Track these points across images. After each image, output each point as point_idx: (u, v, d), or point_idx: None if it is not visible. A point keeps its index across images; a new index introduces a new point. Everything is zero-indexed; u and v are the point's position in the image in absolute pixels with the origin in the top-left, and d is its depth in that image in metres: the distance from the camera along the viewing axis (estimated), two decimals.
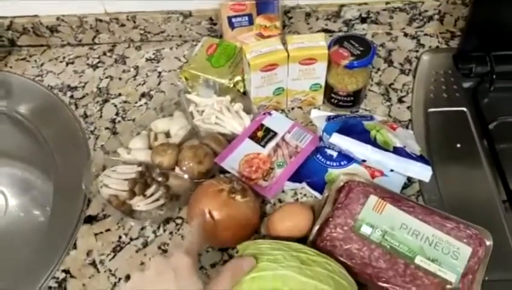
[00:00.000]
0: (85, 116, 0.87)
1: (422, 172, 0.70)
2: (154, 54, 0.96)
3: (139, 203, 0.71)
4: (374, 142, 0.70)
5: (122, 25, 0.95)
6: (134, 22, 0.94)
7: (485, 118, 0.81)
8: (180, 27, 0.95)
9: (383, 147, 0.70)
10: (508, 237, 0.67)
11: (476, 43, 0.86)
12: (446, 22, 0.94)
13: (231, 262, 0.56)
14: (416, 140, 0.77)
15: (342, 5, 0.92)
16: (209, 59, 0.87)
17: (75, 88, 0.91)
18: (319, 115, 0.80)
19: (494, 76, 0.85)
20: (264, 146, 0.76)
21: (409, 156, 0.70)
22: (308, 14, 0.93)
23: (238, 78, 0.85)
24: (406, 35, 0.95)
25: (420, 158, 0.71)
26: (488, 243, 0.62)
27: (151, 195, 0.71)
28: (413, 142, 0.74)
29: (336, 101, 0.81)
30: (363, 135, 0.71)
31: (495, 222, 0.69)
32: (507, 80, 0.86)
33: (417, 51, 0.92)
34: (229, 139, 0.78)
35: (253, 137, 0.77)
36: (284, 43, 0.77)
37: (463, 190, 0.73)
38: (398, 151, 0.70)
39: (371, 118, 0.76)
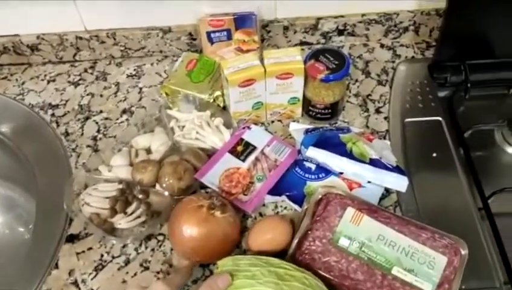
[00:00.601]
0: (66, 134, 0.87)
1: (399, 183, 0.72)
2: (135, 70, 0.97)
3: (121, 221, 0.72)
4: (350, 155, 0.71)
5: (103, 42, 0.95)
6: (115, 39, 0.95)
7: (460, 127, 0.82)
8: (160, 43, 0.96)
9: (360, 159, 0.71)
10: (484, 245, 0.69)
11: (451, 52, 0.88)
12: (421, 33, 0.96)
13: (207, 280, 0.57)
14: (393, 150, 0.79)
15: (319, 18, 0.93)
16: (189, 74, 0.88)
17: (56, 106, 0.92)
18: (298, 128, 0.81)
19: (469, 85, 0.87)
20: (243, 160, 0.77)
21: (385, 167, 0.71)
22: (286, 28, 0.94)
23: (218, 93, 0.86)
24: (382, 46, 0.97)
25: (396, 169, 0.72)
26: (463, 252, 0.63)
27: (133, 212, 0.72)
28: (390, 153, 0.76)
29: (314, 113, 0.83)
30: (339, 148, 0.72)
31: (471, 230, 0.70)
32: (482, 89, 0.88)
33: (393, 62, 0.94)
34: (210, 154, 0.79)
35: (232, 151, 0.78)
36: (262, 58, 0.78)
37: (439, 199, 0.74)
38: (374, 163, 0.71)
39: (348, 130, 0.78)
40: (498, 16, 0.82)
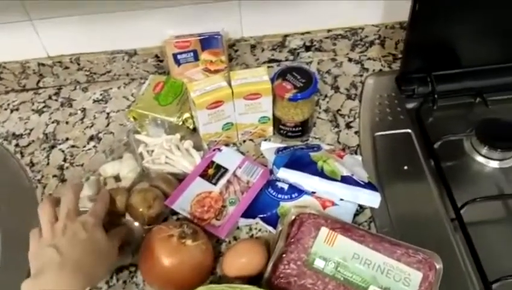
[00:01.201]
0: (31, 164, 0.85)
1: (371, 199, 0.71)
2: (101, 94, 0.95)
3: None
4: (321, 173, 0.71)
5: (66, 68, 0.93)
6: (79, 64, 0.93)
7: (429, 138, 0.83)
8: (127, 66, 0.94)
9: (331, 177, 0.71)
10: (458, 257, 0.69)
11: (416, 64, 0.89)
12: (387, 46, 0.97)
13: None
14: (364, 165, 0.79)
15: (286, 35, 0.93)
16: (157, 97, 0.87)
17: (20, 136, 0.89)
18: (269, 147, 0.81)
19: (436, 95, 0.88)
20: (215, 184, 0.76)
21: (357, 184, 0.71)
22: (253, 46, 0.94)
23: (187, 115, 0.85)
24: (350, 60, 0.97)
25: (368, 185, 0.72)
26: (438, 266, 0.63)
27: None
28: (361, 169, 0.76)
29: (284, 132, 0.82)
30: (310, 167, 0.72)
31: (445, 242, 0.71)
32: (449, 98, 0.89)
33: (361, 76, 0.94)
34: (181, 179, 0.77)
35: (204, 175, 0.77)
36: (229, 79, 0.77)
37: (412, 212, 0.74)
38: (346, 180, 0.71)
39: (318, 148, 0.77)
40: (460, 27, 0.84)
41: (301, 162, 0.72)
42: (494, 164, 0.81)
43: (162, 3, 0.85)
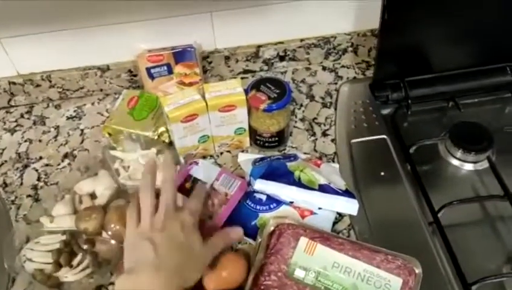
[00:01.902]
0: (4, 185, 0.83)
1: (350, 206, 0.71)
2: (75, 111, 0.94)
3: (67, 274, 0.68)
4: (298, 183, 0.71)
5: (38, 85, 0.92)
6: (50, 81, 0.91)
7: (405, 143, 0.84)
8: (100, 81, 0.93)
9: (308, 186, 0.71)
10: (437, 260, 0.69)
11: (389, 71, 0.90)
12: (360, 53, 0.98)
13: (218, 233, 0.66)
14: (342, 172, 0.79)
15: (259, 46, 0.94)
16: (131, 112, 0.86)
17: None
18: (246, 159, 0.80)
19: (410, 101, 0.89)
20: None
21: (334, 192, 0.71)
22: (227, 58, 0.94)
23: (163, 129, 0.84)
24: (324, 69, 0.98)
25: (346, 193, 0.72)
26: (417, 271, 0.63)
27: (79, 264, 0.68)
28: (338, 177, 0.76)
29: (261, 142, 0.82)
30: (287, 177, 0.71)
31: (423, 246, 0.71)
32: (422, 103, 0.91)
33: (336, 83, 0.95)
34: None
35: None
36: (203, 92, 0.77)
37: (391, 217, 0.75)
38: (324, 189, 0.71)
39: (295, 158, 0.77)
40: (430, 33, 0.85)
41: (278, 173, 0.72)
42: (468, 167, 0.82)
43: (134, 17, 0.85)
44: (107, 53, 0.90)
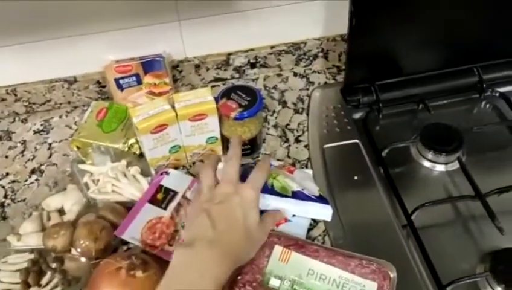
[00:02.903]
0: None
1: (323, 212, 0.71)
2: (42, 124, 0.91)
3: None
4: (271, 190, 0.70)
5: (3, 100, 0.89)
6: (16, 95, 0.89)
7: (377, 147, 0.84)
8: (67, 94, 0.91)
9: (281, 193, 0.70)
10: (412, 263, 0.69)
11: (360, 75, 0.90)
12: (330, 58, 0.98)
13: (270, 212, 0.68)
14: (316, 177, 0.79)
15: (229, 54, 0.93)
16: (100, 124, 0.84)
17: None
18: (219, 167, 0.79)
19: (381, 104, 0.90)
20: (165, 208, 0.74)
21: (308, 198, 0.71)
22: (197, 66, 0.93)
23: (133, 140, 0.82)
24: (295, 75, 0.98)
25: (319, 199, 0.72)
26: (392, 275, 0.63)
27: (48, 283, 0.66)
28: (311, 183, 0.75)
29: None
30: None
31: (398, 249, 0.71)
32: (393, 107, 0.91)
33: (307, 89, 0.95)
34: (129, 207, 0.74)
35: (153, 201, 0.74)
36: (173, 102, 0.76)
37: (365, 221, 0.74)
38: (297, 196, 0.71)
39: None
40: (398, 37, 0.86)
41: None
42: (440, 168, 0.83)
43: (101, 28, 0.83)
44: (74, 65, 0.88)
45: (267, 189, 0.70)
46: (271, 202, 0.69)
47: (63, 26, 0.82)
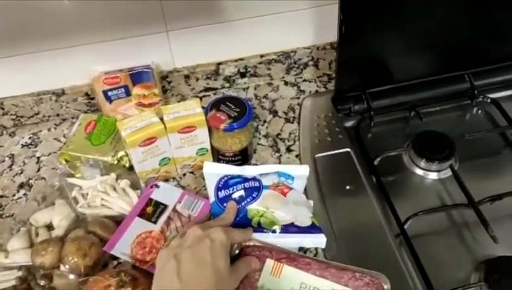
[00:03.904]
0: None
1: (316, 241, 0.69)
2: (30, 138, 0.90)
3: None
4: (258, 227, 0.69)
5: None
6: (3, 108, 0.88)
7: (369, 155, 0.83)
8: (55, 106, 0.90)
9: (269, 229, 0.69)
10: (405, 273, 0.69)
11: (350, 83, 0.90)
12: (321, 67, 0.98)
13: (244, 257, 0.65)
14: (308, 188, 0.77)
15: (219, 63, 0.92)
16: (89, 137, 0.83)
17: None
18: (211, 172, 0.75)
19: (372, 112, 0.89)
20: (155, 222, 0.73)
21: (299, 231, 0.69)
22: (187, 76, 0.92)
23: (122, 153, 0.81)
24: (286, 83, 0.98)
25: (311, 228, 0.69)
26: (385, 286, 0.62)
27: None
28: (304, 209, 0.72)
29: (224, 162, 0.80)
30: (246, 223, 0.69)
31: (391, 259, 0.70)
32: (385, 114, 0.91)
33: (298, 98, 0.95)
34: (119, 221, 0.73)
35: (142, 214, 0.73)
36: (161, 115, 0.75)
37: (358, 231, 0.74)
38: (287, 230, 0.69)
39: (258, 191, 0.72)
40: (388, 45, 0.86)
41: (237, 225, 0.69)
42: (433, 176, 0.83)
43: (88, 39, 0.83)
44: (62, 77, 0.87)
45: (253, 227, 0.69)
46: (259, 237, 0.68)
47: (50, 39, 0.81)
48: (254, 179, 0.73)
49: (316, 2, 0.88)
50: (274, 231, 0.68)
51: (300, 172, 0.75)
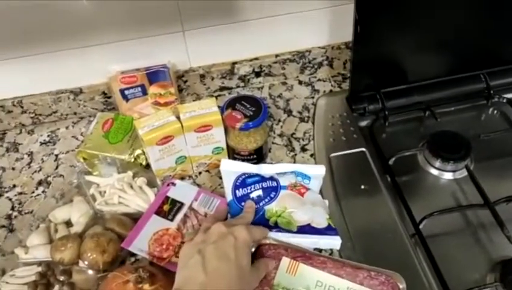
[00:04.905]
0: None
1: (332, 243, 0.69)
2: (48, 136, 0.92)
3: None
4: (275, 227, 0.69)
5: (9, 112, 0.90)
6: (22, 107, 0.89)
7: (384, 155, 0.83)
8: (73, 105, 0.91)
9: (286, 229, 0.69)
10: (420, 273, 0.69)
11: (365, 83, 0.90)
12: (335, 66, 0.98)
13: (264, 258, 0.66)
14: (323, 188, 0.77)
15: (234, 63, 0.93)
16: (106, 136, 0.84)
17: None
18: (229, 170, 0.76)
19: (387, 112, 0.89)
20: (172, 220, 0.73)
21: (315, 232, 0.69)
22: (202, 76, 0.93)
23: (139, 151, 0.82)
24: (300, 83, 0.98)
25: (327, 230, 0.70)
26: (401, 286, 0.63)
27: None
28: (321, 209, 0.72)
29: (240, 160, 0.81)
30: (263, 223, 0.69)
31: (406, 259, 0.70)
32: (399, 114, 0.91)
33: (313, 97, 0.95)
34: (136, 218, 0.74)
35: (159, 212, 0.74)
36: (178, 113, 0.76)
37: (373, 231, 0.74)
38: (303, 230, 0.69)
39: (276, 191, 0.73)
40: (403, 44, 0.86)
41: (255, 221, 0.70)
42: (448, 176, 0.82)
43: (105, 39, 0.84)
44: (79, 76, 0.89)
45: (271, 226, 0.69)
46: (276, 236, 0.68)
47: (68, 38, 0.82)
48: (271, 178, 0.73)
49: (331, 2, 0.89)
50: (290, 231, 0.69)
51: (317, 172, 0.76)
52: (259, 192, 0.72)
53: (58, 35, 0.82)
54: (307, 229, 0.69)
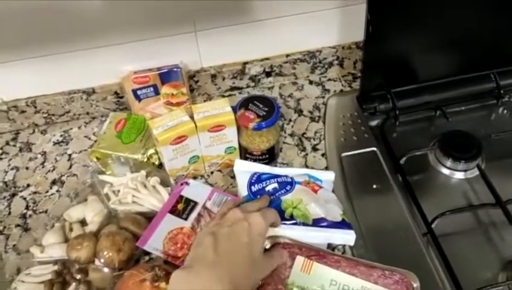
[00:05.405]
0: None
1: (346, 238, 0.69)
2: (61, 135, 0.92)
3: None
4: (291, 219, 0.69)
5: (23, 112, 0.90)
6: (35, 107, 0.90)
7: (395, 154, 0.84)
8: (86, 105, 0.92)
9: (302, 222, 0.69)
10: (433, 271, 0.69)
11: (375, 82, 0.90)
12: (346, 66, 0.98)
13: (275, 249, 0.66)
14: (334, 187, 0.78)
15: (245, 63, 0.94)
16: (119, 135, 0.85)
17: None
18: (242, 170, 0.77)
19: (397, 112, 0.90)
20: (186, 219, 0.74)
21: (329, 225, 0.69)
22: (213, 76, 0.94)
23: (152, 151, 0.83)
24: (311, 82, 0.98)
25: (342, 224, 0.70)
26: (415, 285, 0.63)
27: None
28: (334, 206, 0.72)
29: (252, 160, 0.81)
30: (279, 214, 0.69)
31: (418, 258, 0.71)
32: (410, 114, 0.91)
33: (323, 97, 0.95)
34: (150, 217, 0.75)
35: (173, 211, 0.75)
36: (191, 113, 0.76)
37: (385, 230, 0.74)
38: (318, 223, 0.69)
39: (292, 185, 0.73)
40: (414, 44, 0.86)
41: None
42: (459, 175, 0.83)
43: (118, 40, 0.84)
44: (92, 76, 0.89)
45: (285, 219, 0.69)
46: (291, 230, 0.68)
47: (81, 39, 0.83)
48: (286, 176, 0.74)
49: (341, 2, 0.89)
50: (305, 224, 0.69)
51: (327, 177, 0.77)
52: (275, 185, 0.73)
53: (70, 36, 0.82)
54: (321, 223, 0.69)
